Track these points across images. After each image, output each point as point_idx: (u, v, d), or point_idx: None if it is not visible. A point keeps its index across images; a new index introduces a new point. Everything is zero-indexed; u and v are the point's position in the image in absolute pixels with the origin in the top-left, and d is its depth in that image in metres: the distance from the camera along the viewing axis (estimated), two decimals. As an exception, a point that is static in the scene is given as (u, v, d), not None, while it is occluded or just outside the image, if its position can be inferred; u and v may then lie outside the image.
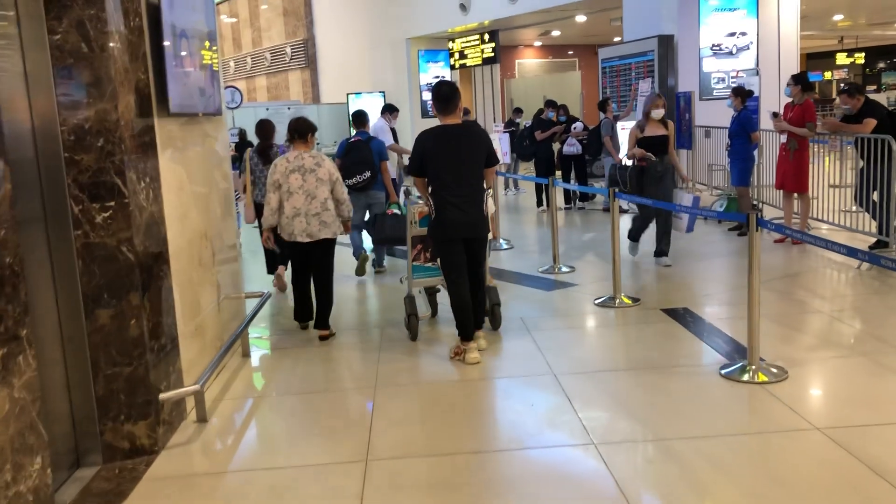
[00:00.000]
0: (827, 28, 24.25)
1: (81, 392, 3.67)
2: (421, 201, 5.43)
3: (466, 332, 4.98)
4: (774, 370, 4.42)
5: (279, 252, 6.60)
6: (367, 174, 7.34)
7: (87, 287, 3.61)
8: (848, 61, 31.97)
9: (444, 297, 5.62)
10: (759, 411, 4.02)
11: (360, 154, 7.40)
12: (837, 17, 22.09)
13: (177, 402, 4.11)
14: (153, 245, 3.89)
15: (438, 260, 5.24)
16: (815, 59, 31.73)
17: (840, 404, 4.08)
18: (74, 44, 3.46)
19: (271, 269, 7.38)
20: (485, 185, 5.10)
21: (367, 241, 7.95)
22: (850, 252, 4.03)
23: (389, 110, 9.95)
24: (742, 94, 8.60)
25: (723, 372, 4.48)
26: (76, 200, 3.55)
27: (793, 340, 5.12)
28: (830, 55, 31.18)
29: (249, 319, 5.32)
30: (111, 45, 3.52)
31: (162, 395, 3.82)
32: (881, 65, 33.89)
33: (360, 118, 7.99)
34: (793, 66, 12.76)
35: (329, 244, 5.66)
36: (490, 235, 5.32)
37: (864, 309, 5.75)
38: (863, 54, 31.89)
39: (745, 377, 4.38)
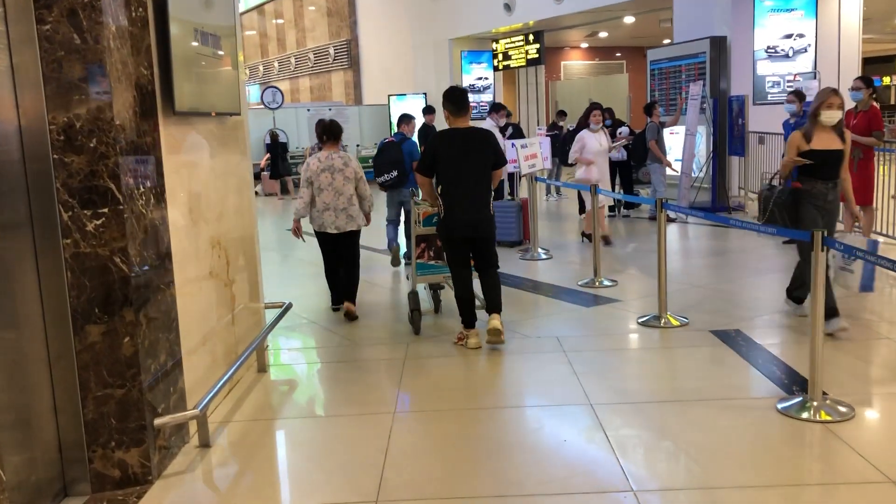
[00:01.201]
0: (887, 31, 23.27)
1: (69, 416, 3.37)
2: (425, 203, 5.71)
3: (468, 320, 5.33)
4: (839, 407, 3.94)
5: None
6: (395, 173, 7.82)
7: (76, 301, 3.30)
8: (908, 66, 30.77)
9: (447, 294, 6.07)
10: (823, 457, 3.56)
11: (390, 154, 7.90)
12: (900, 20, 21.14)
13: (178, 426, 3.79)
14: (153, 255, 3.58)
15: (444, 257, 5.63)
16: (873, 64, 30.55)
17: (917, 451, 3.58)
18: (66, 35, 3.16)
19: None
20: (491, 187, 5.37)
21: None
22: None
23: (427, 111, 10.57)
24: (801, 97, 8.08)
25: (780, 407, 4.01)
26: (65, 206, 3.24)
27: (858, 372, 4.62)
28: (889, 59, 30.02)
29: (266, 332, 4.99)
30: (107, 36, 3.21)
31: (157, 421, 3.50)
32: (944, 70, 32.53)
33: (401, 120, 8.52)
34: (853, 69, 12.12)
35: (355, 235, 6.26)
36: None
37: (938, 337, 5.22)
38: (924, 59, 30.65)
39: (805, 414, 3.90)
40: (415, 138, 8.84)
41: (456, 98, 5.27)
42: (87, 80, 3.19)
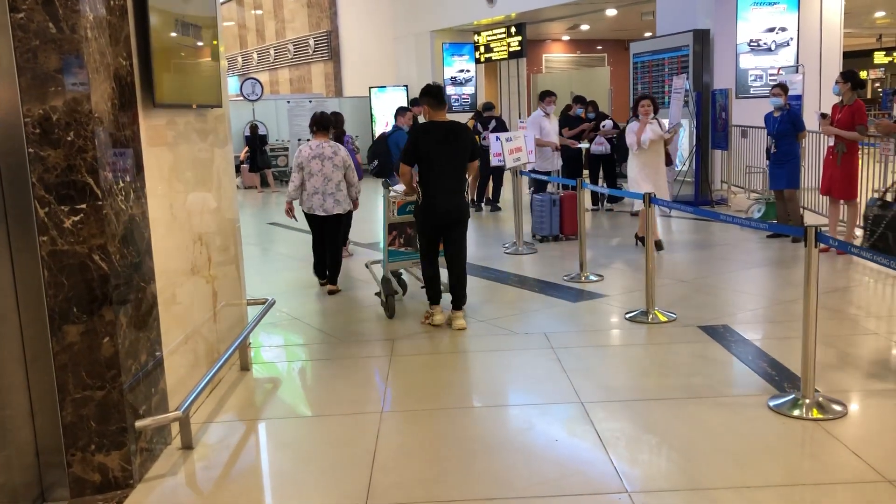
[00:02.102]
0: (865, 25, 23.44)
1: (46, 419, 3.25)
2: (397, 193, 6.08)
3: (434, 296, 5.74)
4: (832, 405, 3.91)
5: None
6: (375, 163, 8.81)
7: (53, 300, 3.18)
8: (886, 60, 31.00)
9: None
10: (818, 456, 3.52)
11: (376, 146, 8.84)
12: (879, 14, 21.29)
13: (159, 427, 3.69)
14: (133, 252, 3.46)
15: (414, 244, 6.12)
16: (852, 58, 30.72)
17: (910, 449, 3.55)
18: (41, 23, 3.03)
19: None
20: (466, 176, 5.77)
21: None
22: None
23: (486, 109, 11.92)
24: (786, 90, 8.10)
25: (772, 404, 3.97)
26: (42, 202, 3.12)
27: (848, 367, 4.60)
28: (868, 54, 30.24)
29: (249, 330, 4.89)
30: (84, 25, 3.09)
31: (138, 423, 3.39)
32: (920, 65, 32.86)
33: (397, 112, 9.42)
34: (835, 63, 12.17)
35: (340, 218, 6.82)
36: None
37: (926, 332, 5.21)
38: (902, 53, 30.91)
39: (797, 412, 3.87)
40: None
41: (435, 93, 5.61)
42: (63, 70, 3.07)
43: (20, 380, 3.18)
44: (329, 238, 6.84)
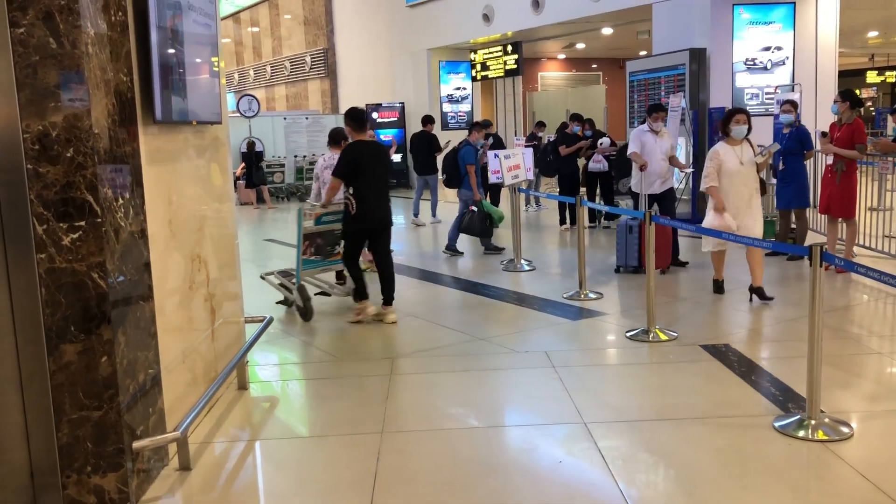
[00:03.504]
0: (858, 45, 23.60)
1: (42, 439, 3.19)
2: (314, 205, 6.75)
3: (364, 292, 6.33)
4: (838, 426, 3.86)
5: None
6: (444, 176, 9.66)
7: (51, 319, 3.13)
8: (878, 80, 31.22)
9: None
10: (824, 477, 3.48)
11: (446, 159, 9.55)
12: (872, 34, 21.45)
13: (157, 448, 3.62)
14: (132, 269, 3.41)
15: (323, 253, 6.76)
16: (845, 77, 30.94)
17: (918, 470, 3.50)
18: (41, 38, 3.00)
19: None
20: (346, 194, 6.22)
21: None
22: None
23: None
24: (796, 107, 8.03)
25: (777, 425, 3.93)
26: (40, 219, 3.08)
27: (852, 388, 4.56)
28: (860, 73, 30.45)
29: (247, 348, 4.83)
30: (85, 41, 3.06)
31: (136, 444, 3.33)
32: (910, 84, 33.10)
33: (471, 127, 9.90)
34: (831, 82, 12.20)
35: None
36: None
37: (929, 351, 5.18)
38: (894, 73, 31.13)
39: (802, 433, 3.82)
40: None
41: (356, 117, 6.30)
42: (63, 86, 3.03)
43: (15, 400, 3.12)
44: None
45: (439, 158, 11.69)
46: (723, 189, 6.40)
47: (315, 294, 6.91)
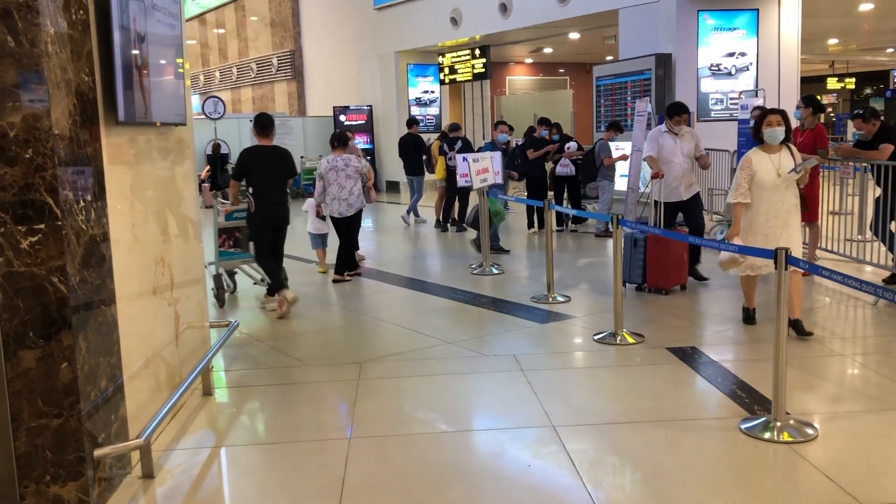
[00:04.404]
0: (818, 52, 24.03)
1: (-1, 448, 3.11)
2: (225, 203, 7.46)
3: (281, 282, 6.77)
4: (803, 428, 3.90)
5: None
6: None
7: (8, 325, 3.04)
8: (838, 86, 31.86)
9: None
10: (792, 479, 3.51)
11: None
12: (832, 42, 21.86)
13: (119, 456, 3.55)
14: (94, 274, 3.34)
15: (243, 246, 7.41)
16: (806, 84, 31.49)
17: (886, 473, 3.52)
18: (-1, 37, 2.92)
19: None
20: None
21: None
22: None
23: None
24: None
25: (743, 427, 3.95)
26: (-3, 222, 3.00)
27: (816, 389, 4.62)
28: (821, 79, 31.04)
29: (212, 353, 4.75)
30: (44, 39, 2.98)
31: (97, 452, 3.25)
32: (868, 91, 33.82)
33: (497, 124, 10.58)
34: (793, 87, 12.40)
35: (355, 217, 8.12)
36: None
37: (891, 353, 5.25)
38: (853, 79, 31.77)
39: (768, 434, 3.86)
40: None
41: (263, 124, 6.78)
42: (21, 86, 2.96)
43: (-29, 408, 3.03)
44: (346, 234, 8.11)
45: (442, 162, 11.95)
46: (755, 205, 5.47)
47: (253, 284, 7.77)
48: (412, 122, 13.12)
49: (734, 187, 5.56)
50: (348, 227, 8.13)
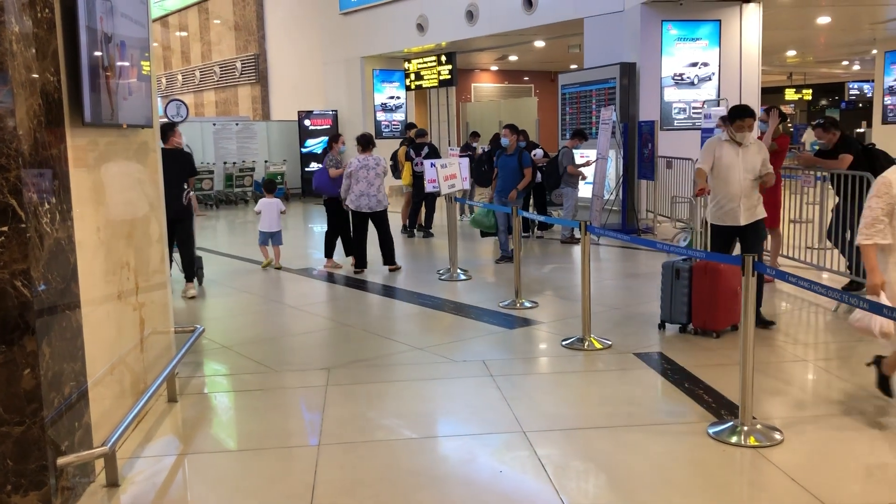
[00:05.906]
0: (777, 63, 24.52)
1: (-42, 457, 3.01)
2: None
3: (190, 276, 7.83)
4: (769, 431, 3.96)
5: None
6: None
7: (-31, 330, 2.96)
8: (796, 97, 32.53)
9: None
10: (759, 483, 3.55)
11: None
12: (790, 53, 22.31)
13: (83, 464, 3.47)
14: (58, 278, 3.26)
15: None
16: (765, 94, 32.07)
17: (849, 476, 3.59)
18: (-38, 34, 2.85)
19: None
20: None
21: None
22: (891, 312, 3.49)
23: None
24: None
25: (711, 432, 4.00)
26: (-42, 224, 2.92)
27: (780, 394, 4.69)
28: (779, 90, 31.66)
29: (177, 359, 4.68)
30: (9, 37, 2.91)
31: (60, 461, 3.18)
32: (824, 102, 34.60)
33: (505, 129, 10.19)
34: (754, 97, 12.61)
35: (383, 213, 8.76)
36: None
37: (852, 358, 5.34)
38: (810, 90, 32.46)
39: (735, 439, 3.90)
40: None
41: (161, 129, 6.88)
42: (-15, 84, 2.88)
43: (-71, 416, 2.94)
44: (378, 229, 8.77)
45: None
46: None
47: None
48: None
49: (869, 223, 4.04)
50: (381, 223, 8.74)
